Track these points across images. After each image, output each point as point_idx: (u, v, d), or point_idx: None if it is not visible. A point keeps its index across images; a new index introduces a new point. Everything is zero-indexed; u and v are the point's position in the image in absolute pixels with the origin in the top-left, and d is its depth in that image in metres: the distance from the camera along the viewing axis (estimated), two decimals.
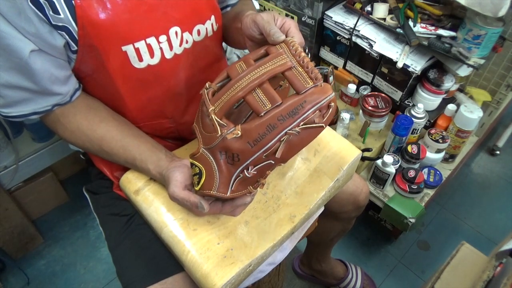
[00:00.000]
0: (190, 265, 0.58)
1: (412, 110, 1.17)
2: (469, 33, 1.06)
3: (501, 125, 1.75)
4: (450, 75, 1.19)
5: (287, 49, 0.50)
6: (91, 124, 0.64)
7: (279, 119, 0.47)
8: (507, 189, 1.59)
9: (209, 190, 0.51)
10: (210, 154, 0.51)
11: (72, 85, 0.62)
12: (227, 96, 0.49)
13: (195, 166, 0.52)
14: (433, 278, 0.76)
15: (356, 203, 0.88)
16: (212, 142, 0.49)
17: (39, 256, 1.38)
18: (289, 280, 1.33)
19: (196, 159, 0.52)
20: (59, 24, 0.52)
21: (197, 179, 0.52)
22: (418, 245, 1.42)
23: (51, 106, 0.61)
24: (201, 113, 0.52)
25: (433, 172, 1.22)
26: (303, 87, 0.47)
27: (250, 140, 0.47)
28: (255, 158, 0.49)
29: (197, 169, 0.52)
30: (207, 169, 0.51)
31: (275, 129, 0.47)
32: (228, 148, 0.49)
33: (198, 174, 0.52)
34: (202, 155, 0.51)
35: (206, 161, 0.51)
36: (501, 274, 0.64)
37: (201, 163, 0.51)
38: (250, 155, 0.48)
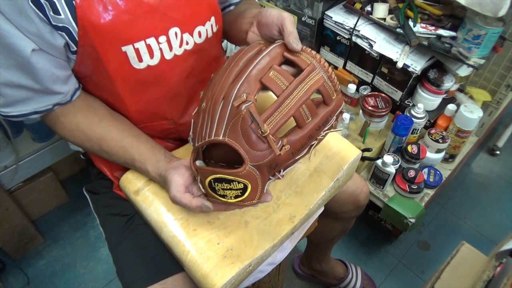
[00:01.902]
0: (190, 265, 0.58)
1: (412, 110, 1.17)
2: (469, 33, 1.06)
3: (501, 125, 1.75)
4: (450, 75, 1.19)
5: (315, 62, 0.53)
6: (90, 123, 0.64)
7: (317, 129, 0.53)
8: (507, 189, 1.59)
9: (251, 201, 0.53)
10: (257, 170, 0.50)
11: (72, 84, 0.62)
12: (279, 114, 0.49)
13: (236, 182, 0.51)
14: (433, 278, 0.76)
15: (356, 203, 0.88)
16: (262, 160, 0.49)
17: (39, 256, 1.38)
18: (289, 280, 1.33)
19: (242, 176, 0.50)
20: (59, 25, 0.52)
21: (238, 193, 0.52)
22: (418, 245, 1.42)
23: (52, 106, 0.61)
24: (243, 130, 0.48)
25: (433, 172, 1.22)
26: (331, 99, 0.54)
27: (294, 151, 0.52)
28: (290, 163, 0.55)
29: (241, 185, 0.51)
30: (253, 185, 0.51)
31: (312, 138, 0.54)
32: (277, 160, 0.51)
33: (241, 189, 0.51)
34: (250, 172, 0.50)
35: (253, 177, 0.51)
36: (501, 274, 0.64)
37: (247, 179, 0.50)
38: (289, 162, 0.54)
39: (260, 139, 0.48)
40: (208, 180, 0.52)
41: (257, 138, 0.48)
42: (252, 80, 0.49)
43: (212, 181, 0.51)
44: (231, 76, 0.51)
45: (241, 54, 0.54)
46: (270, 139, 0.48)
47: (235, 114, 0.48)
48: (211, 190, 0.53)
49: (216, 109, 0.50)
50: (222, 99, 0.50)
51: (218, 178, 0.51)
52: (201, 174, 0.53)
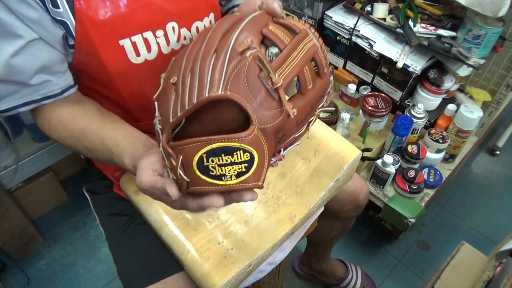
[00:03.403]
0: (190, 265, 0.58)
1: (412, 110, 1.17)
2: (469, 33, 1.06)
3: (501, 125, 1.75)
4: (450, 75, 1.19)
5: (307, 29, 0.46)
6: (73, 117, 0.59)
7: (317, 100, 0.46)
8: (507, 189, 1.59)
9: (256, 182, 0.40)
10: (264, 136, 0.40)
11: (66, 80, 0.59)
12: (289, 66, 0.41)
13: (240, 152, 0.39)
14: (433, 278, 0.76)
15: (356, 203, 0.88)
16: (272, 121, 0.40)
17: (39, 256, 1.38)
18: (289, 280, 1.33)
19: (248, 142, 0.39)
20: (58, 18, 0.52)
21: (242, 169, 0.39)
22: (418, 245, 1.42)
23: (41, 97, 0.57)
24: (250, 81, 0.39)
25: (433, 172, 1.22)
26: (324, 72, 0.47)
27: (299, 120, 0.45)
28: (290, 141, 0.46)
29: (247, 155, 0.39)
30: (260, 156, 0.40)
31: (312, 110, 0.47)
32: (284, 128, 0.43)
33: (246, 162, 0.39)
34: (257, 138, 0.39)
35: (260, 145, 0.40)
36: (501, 274, 0.64)
37: (254, 147, 0.39)
38: (291, 139, 0.46)
39: (269, 94, 0.40)
40: (197, 157, 0.39)
41: (266, 92, 0.40)
42: (251, 29, 0.42)
43: (205, 156, 0.38)
44: (218, 34, 0.42)
45: (219, 22, 0.46)
46: (283, 94, 0.40)
47: (238, 62, 0.39)
48: (202, 173, 0.39)
49: (205, 66, 0.40)
50: (213, 52, 0.41)
51: (215, 149, 0.38)
52: (186, 153, 0.39)
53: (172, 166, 0.41)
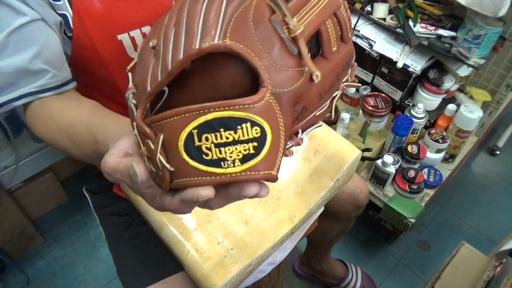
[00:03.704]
0: (190, 265, 0.58)
1: (412, 110, 1.17)
2: (469, 33, 1.06)
3: (501, 125, 1.75)
4: (450, 75, 1.19)
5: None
6: (64, 110, 0.52)
7: (343, 68, 0.35)
8: (507, 189, 1.59)
9: (269, 170, 0.28)
10: (279, 105, 0.28)
11: (65, 73, 0.56)
12: (309, 13, 0.30)
13: (249, 125, 0.27)
14: (433, 278, 0.76)
15: (356, 203, 0.88)
16: (289, 85, 0.29)
17: (39, 256, 1.38)
18: (289, 280, 1.33)
19: (258, 112, 0.27)
20: (59, 12, 0.52)
21: (250, 150, 0.27)
22: (418, 245, 1.42)
23: (38, 89, 0.53)
24: (259, 26, 0.28)
25: (433, 172, 1.22)
26: (349, 37, 0.35)
27: (322, 90, 0.33)
28: (310, 119, 0.34)
29: (257, 131, 0.27)
30: (274, 132, 0.28)
31: (338, 81, 0.35)
32: (304, 98, 0.31)
33: (256, 140, 0.27)
34: (270, 107, 0.27)
35: (274, 117, 0.28)
36: (501, 274, 0.64)
37: (266, 119, 0.27)
38: (313, 111, 0.34)
39: (285, 47, 0.29)
40: (185, 134, 0.27)
41: (281, 43, 0.28)
42: None
43: (196, 133, 0.27)
44: None
45: None
46: (304, 46, 0.29)
47: (241, 1, 0.28)
48: (192, 157, 0.27)
49: (195, 12, 0.28)
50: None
51: (210, 122, 0.26)
52: (169, 130, 0.28)
53: (150, 151, 0.29)
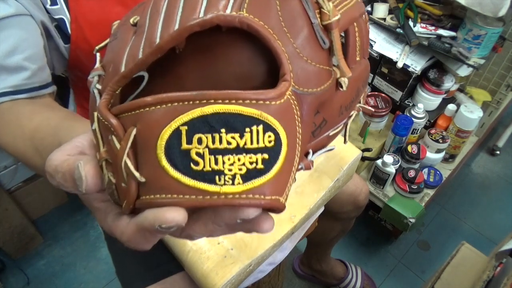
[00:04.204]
0: (190, 265, 0.58)
1: (412, 110, 1.17)
2: (469, 33, 1.06)
3: (501, 125, 1.75)
4: (450, 75, 1.19)
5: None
6: (33, 113, 0.45)
7: (363, 84, 0.29)
8: (507, 189, 1.59)
9: (276, 195, 0.20)
10: (300, 110, 0.21)
11: (46, 74, 0.51)
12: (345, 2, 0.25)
13: (261, 129, 0.19)
14: (433, 278, 0.76)
15: (356, 203, 0.88)
16: (316, 85, 0.22)
17: (39, 256, 1.38)
18: (289, 280, 1.33)
19: (277, 113, 0.20)
20: (56, 17, 0.51)
21: (259, 164, 0.19)
22: (418, 245, 1.42)
23: (13, 89, 0.47)
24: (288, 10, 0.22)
25: (433, 172, 1.22)
26: (367, 51, 0.29)
27: (344, 104, 0.27)
28: (322, 139, 0.27)
29: (270, 139, 0.20)
30: (290, 143, 0.20)
31: (357, 98, 0.29)
32: (327, 107, 0.25)
33: (267, 151, 0.20)
34: (290, 108, 0.21)
35: (291, 123, 0.21)
36: (501, 274, 0.65)
37: (283, 123, 0.20)
38: (330, 128, 0.27)
39: (315, 36, 0.22)
40: (169, 132, 0.19)
41: (310, 30, 0.22)
42: None
43: (185, 130, 0.19)
44: None
45: None
46: (337, 38, 0.23)
47: None
48: (174, 165, 0.19)
49: None
50: None
51: (208, 117, 0.19)
52: (145, 123, 0.20)
53: (113, 152, 0.21)
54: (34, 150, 0.41)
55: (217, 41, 0.22)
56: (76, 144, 0.25)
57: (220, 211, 0.21)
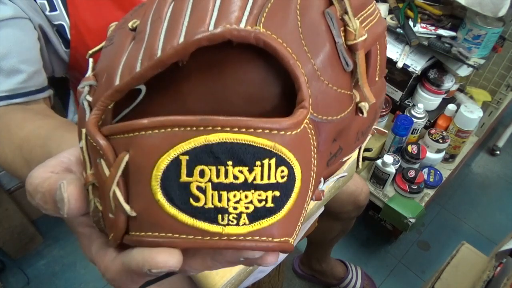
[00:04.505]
0: None
1: (412, 110, 1.17)
2: (469, 33, 1.06)
3: (501, 125, 1.75)
4: (450, 75, 1.19)
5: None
6: (25, 120, 0.43)
7: (379, 106, 0.27)
8: (507, 189, 1.59)
9: (285, 236, 0.18)
10: (316, 139, 0.19)
11: (40, 77, 0.50)
12: (370, 19, 0.22)
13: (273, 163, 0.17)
14: (433, 278, 0.76)
15: (356, 203, 0.88)
16: (337, 112, 0.20)
17: (39, 256, 1.38)
18: (289, 280, 1.33)
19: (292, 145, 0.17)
20: (55, 23, 0.51)
21: (269, 203, 0.17)
22: (418, 245, 1.42)
23: (8, 93, 0.46)
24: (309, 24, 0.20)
25: (433, 172, 1.22)
26: (385, 70, 0.26)
27: (361, 130, 0.25)
28: (336, 166, 0.26)
29: (283, 173, 0.17)
30: (304, 178, 0.18)
31: (373, 122, 0.27)
32: (344, 135, 0.23)
33: (279, 188, 0.17)
34: (306, 138, 0.18)
35: (307, 156, 0.19)
36: (501, 274, 0.65)
37: (299, 158, 0.18)
38: (347, 154, 0.26)
39: (336, 57, 0.20)
40: (168, 160, 0.17)
41: (333, 50, 0.20)
42: None
43: (187, 162, 0.17)
44: None
45: None
46: (362, 60, 0.21)
47: None
48: (170, 199, 0.17)
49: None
50: None
51: (212, 147, 0.16)
52: (139, 149, 0.17)
53: (101, 178, 0.19)
54: (23, 160, 0.39)
55: (227, 57, 0.19)
56: (62, 160, 0.22)
57: (222, 250, 0.19)
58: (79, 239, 0.23)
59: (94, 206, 0.20)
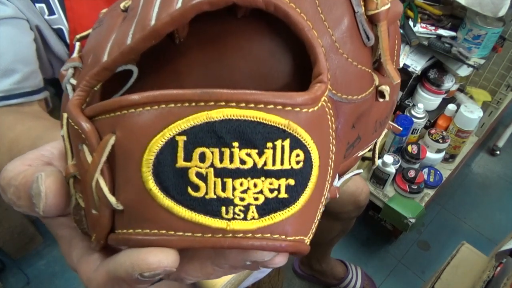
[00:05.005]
0: None
1: (412, 110, 1.17)
2: (469, 33, 1.06)
3: (501, 125, 1.75)
4: (450, 75, 1.19)
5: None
6: (16, 122, 0.41)
7: (396, 98, 0.24)
8: (507, 189, 1.59)
9: (301, 235, 0.16)
10: (335, 120, 0.16)
11: (35, 78, 0.49)
12: None
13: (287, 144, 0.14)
14: (433, 278, 0.76)
15: (356, 203, 0.88)
16: (358, 91, 0.18)
17: (39, 256, 1.38)
18: (289, 280, 1.33)
19: (309, 124, 0.15)
20: (55, 27, 0.51)
21: (283, 193, 0.14)
22: (418, 245, 1.42)
23: (2, 94, 0.44)
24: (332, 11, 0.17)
25: (433, 172, 1.22)
26: (399, 61, 0.24)
27: (379, 119, 0.22)
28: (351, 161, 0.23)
29: (299, 158, 0.14)
30: (322, 164, 0.15)
31: (390, 113, 0.24)
32: (363, 121, 0.20)
33: (293, 175, 0.15)
34: (325, 117, 0.15)
35: (325, 138, 0.16)
36: (501, 274, 0.65)
37: (315, 138, 0.15)
38: (364, 146, 0.23)
39: (356, 29, 0.18)
40: (161, 141, 0.14)
41: (352, 21, 0.17)
42: None
43: (184, 143, 0.14)
44: None
45: None
46: (385, 33, 0.18)
47: None
48: (163, 188, 0.14)
49: None
50: None
51: (217, 124, 0.14)
52: (131, 126, 0.14)
53: (83, 166, 0.16)
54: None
55: (230, 30, 0.17)
56: (42, 153, 0.19)
57: (225, 251, 0.16)
58: (59, 243, 0.20)
59: (76, 203, 0.17)
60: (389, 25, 0.19)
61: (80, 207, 0.17)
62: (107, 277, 0.15)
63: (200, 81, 0.18)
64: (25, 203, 0.17)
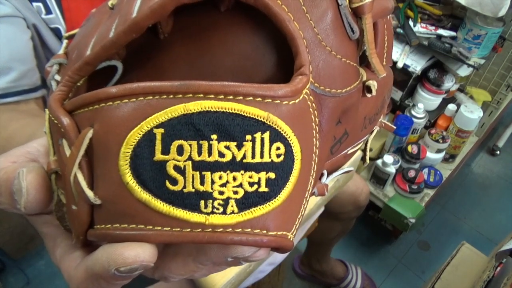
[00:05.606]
0: None
1: (412, 110, 1.17)
2: (469, 33, 1.06)
3: (501, 125, 1.75)
4: (450, 75, 1.19)
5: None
6: (10, 120, 0.41)
7: (387, 95, 0.24)
8: (507, 189, 1.59)
9: (283, 230, 0.15)
10: (318, 114, 0.16)
11: (33, 76, 0.48)
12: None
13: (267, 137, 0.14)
14: (433, 278, 0.76)
15: (356, 203, 0.88)
16: (342, 85, 0.17)
17: (39, 256, 1.38)
18: (289, 280, 1.33)
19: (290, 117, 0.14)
20: (51, 26, 0.51)
21: (263, 186, 0.14)
22: (418, 245, 1.42)
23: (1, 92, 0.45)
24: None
25: (433, 172, 1.22)
26: (391, 60, 0.24)
27: (368, 115, 0.22)
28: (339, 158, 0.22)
29: (279, 151, 0.14)
30: (304, 158, 0.15)
31: (381, 111, 0.25)
32: (349, 116, 0.20)
33: (274, 168, 0.14)
34: (307, 109, 0.15)
35: (307, 132, 0.15)
36: (501, 274, 0.64)
37: (296, 130, 0.15)
38: (352, 143, 0.22)
39: (340, 22, 0.17)
40: (139, 134, 0.14)
41: (336, 14, 0.17)
42: None
43: (162, 136, 0.14)
44: None
45: None
46: (370, 26, 0.18)
47: None
48: (141, 181, 0.14)
49: None
50: None
51: (196, 116, 0.14)
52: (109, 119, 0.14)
53: (63, 161, 0.16)
54: None
55: (214, 24, 0.17)
56: (28, 150, 0.19)
57: (206, 248, 0.16)
58: (44, 241, 0.19)
59: (58, 199, 0.17)
60: (376, 19, 0.19)
61: (62, 204, 0.17)
62: (85, 274, 0.15)
63: (185, 77, 0.18)
64: (6, 200, 0.17)
